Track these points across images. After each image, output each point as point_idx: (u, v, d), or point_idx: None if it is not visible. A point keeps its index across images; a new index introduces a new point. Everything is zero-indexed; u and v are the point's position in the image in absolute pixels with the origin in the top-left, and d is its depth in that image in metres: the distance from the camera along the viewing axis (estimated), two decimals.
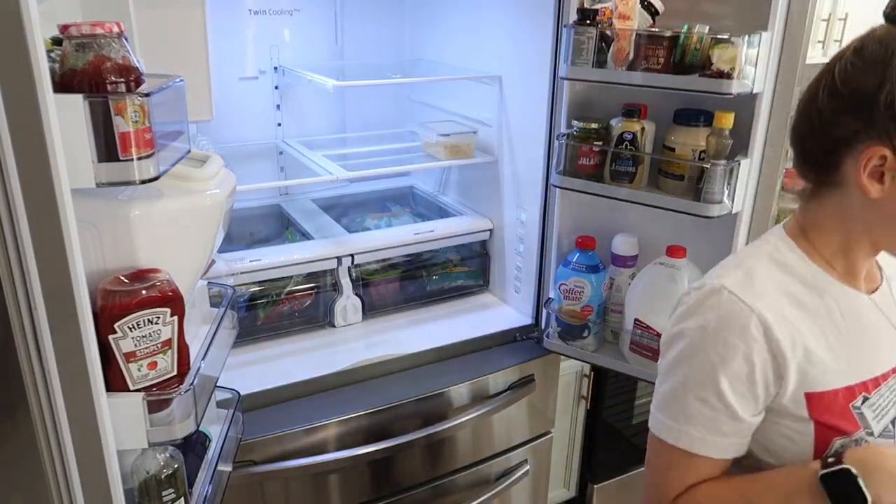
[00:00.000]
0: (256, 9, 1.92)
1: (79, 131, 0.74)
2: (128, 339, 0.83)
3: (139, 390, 0.86)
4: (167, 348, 0.88)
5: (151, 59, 1.03)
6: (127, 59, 0.79)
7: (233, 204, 1.08)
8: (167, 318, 0.86)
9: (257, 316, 1.65)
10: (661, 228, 1.61)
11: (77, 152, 0.74)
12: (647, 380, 1.59)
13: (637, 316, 1.56)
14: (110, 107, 0.75)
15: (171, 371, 0.89)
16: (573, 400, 2.04)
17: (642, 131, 1.50)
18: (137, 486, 0.94)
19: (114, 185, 0.78)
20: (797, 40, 1.34)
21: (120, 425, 0.83)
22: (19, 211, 0.68)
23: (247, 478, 1.38)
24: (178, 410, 0.89)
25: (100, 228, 0.86)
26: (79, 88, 0.75)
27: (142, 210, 0.89)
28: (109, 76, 0.77)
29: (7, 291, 0.70)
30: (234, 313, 1.21)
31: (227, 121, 1.91)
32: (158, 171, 0.81)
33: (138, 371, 0.85)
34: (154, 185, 0.84)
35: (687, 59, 1.37)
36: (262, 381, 1.49)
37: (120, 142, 0.76)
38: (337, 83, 1.70)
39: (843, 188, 0.81)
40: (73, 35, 0.76)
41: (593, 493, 2.20)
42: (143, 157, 0.78)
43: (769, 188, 1.45)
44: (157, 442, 0.89)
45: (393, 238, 1.82)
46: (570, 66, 1.47)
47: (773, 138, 1.42)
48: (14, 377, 0.73)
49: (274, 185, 2.04)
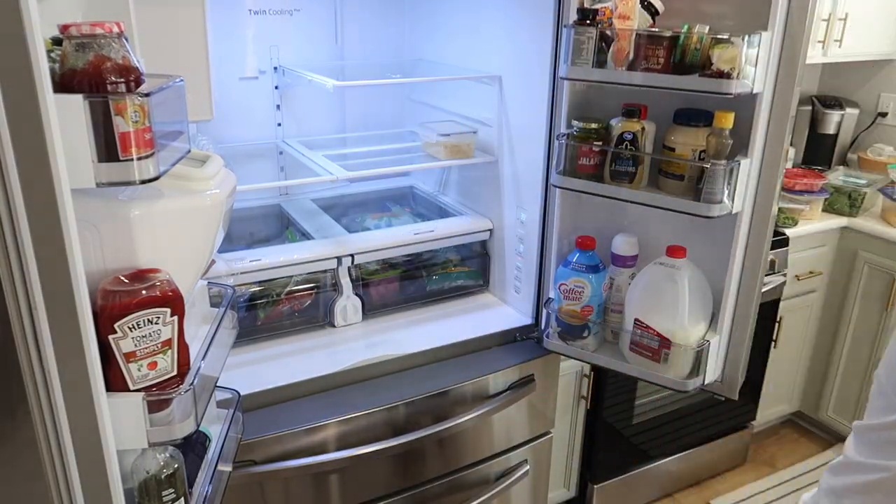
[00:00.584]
0: (256, 9, 1.92)
1: (79, 131, 0.74)
2: (128, 339, 0.83)
3: (139, 390, 0.86)
4: (167, 348, 0.88)
5: (151, 59, 1.03)
6: (127, 59, 0.79)
7: (233, 204, 1.08)
8: (167, 318, 0.86)
9: (257, 316, 1.65)
10: (661, 228, 1.61)
11: (77, 152, 0.74)
12: (647, 380, 1.59)
13: (637, 316, 1.56)
14: (110, 107, 0.75)
15: (171, 371, 0.89)
16: (573, 400, 2.04)
17: (642, 131, 1.50)
18: (137, 486, 0.94)
19: (114, 185, 0.78)
20: (797, 40, 1.34)
21: (120, 425, 0.83)
22: (19, 211, 0.68)
23: (247, 478, 1.38)
24: (178, 410, 0.89)
25: (100, 228, 0.86)
26: (79, 88, 0.75)
27: (142, 210, 0.89)
28: (109, 76, 0.77)
29: (7, 291, 0.70)
30: (234, 313, 1.21)
31: (227, 121, 1.91)
32: (158, 171, 0.81)
33: (138, 371, 0.85)
34: (154, 185, 0.84)
35: (687, 59, 1.37)
36: (262, 381, 1.49)
37: (120, 142, 0.76)
38: (337, 83, 1.70)
39: None
40: (73, 35, 0.76)
41: (593, 493, 2.20)
42: (143, 157, 0.78)
43: (769, 188, 1.45)
44: (157, 442, 0.89)
45: (393, 238, 1.82)
46: (569, 66, 1.47)
47: (773, 138, 1.42)
48: (14, 377, 0.73)
49: (274, 185, 2.04)
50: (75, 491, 0.79)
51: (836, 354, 2.59)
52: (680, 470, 2.42)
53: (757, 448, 2.68)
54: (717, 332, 1.55)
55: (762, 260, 1.50)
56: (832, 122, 2.77)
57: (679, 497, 2.44)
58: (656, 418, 2.27)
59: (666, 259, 1.53)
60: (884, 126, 2.81)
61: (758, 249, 1.49)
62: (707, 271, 1.55)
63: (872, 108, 2.82)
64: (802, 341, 2.61)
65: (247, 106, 1.98)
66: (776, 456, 2.67)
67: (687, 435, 2.38)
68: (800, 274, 2.44)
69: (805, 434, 2.80)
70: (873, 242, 2.41)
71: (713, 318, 1.57)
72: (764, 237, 1.48)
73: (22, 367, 0.73)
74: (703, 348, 1.52)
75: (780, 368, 2.55)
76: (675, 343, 1.51)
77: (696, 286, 1.53)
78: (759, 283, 1.52)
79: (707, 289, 1.56)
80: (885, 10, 2.50)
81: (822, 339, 2.63)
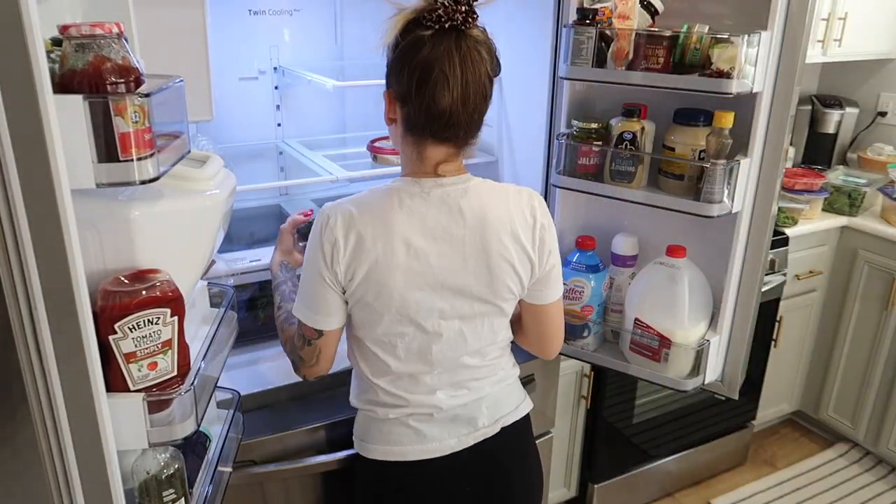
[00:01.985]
0: (256, 9, 1.91)
1: (79, 132, 0.74)
2: (128, 340, 0.83)
3: (139, 391, 0.86)
4: (167, 349, 0.87)
5: (151, 59, 1.03)
6: (127, 59, 0.79)
7: (233, 204, 1.08)
8: (167, 319, 0.86)
9: (257, 316, 1.65)
10: (661, 228, 1.61)
11: (77, 153, 0.74)
12: (647, 380, 1.59)
13: (637, 316, 1.56)
14: (110, 107, 0.75)
15: (171, 371, 0.89)
16: (573, 400, 2.04)
17: (642, 131, 1.50)
18: (138, 486, 0.94)
19: (114, 185, 0.78)
20: (797, 40, 1.34)
21: (120, 426, 0.83)
22: (19, 211, 0.68)
23: (247, 478, 1.38)
24: (178, 411, 0.89)
25: (100, 229, 0.86)
26: (79, 89, 0.75)
27: (142, 210, 0.88)
28: (109, 77, 0.76)
29: (7, 291, 0.70)
30: (234, 313, 1.21)
31: (227, 121, 1.91)
32: (158, 171, 0.81)
33: (138, 371, 0.85)
34: (154, 185, 0.84)
35: (687, 58, 1.37)
36: (262, 381, 1.49)
37: (120, 142, 0.76)
38: (337, 83, 1.70)
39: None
40: (72, 35, 0.76)
41: (593, 493, 2.20)
42: (143, 158, 0.78)
43: (769, 188, 1.45)
44: (157, 442, 0.89)
45: None
46: (569, 66, 1.48)
47: (772, 138, 1.42)
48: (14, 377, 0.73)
49: (274, 185, 2.04)
50: (75, 491, 0.79)
51: (836, 354, 2.59)
52: (680, 470, 2.42)
53: (757, 448, 2.68)
54: (717, 331, 1.55)
55: (762, 259, 1.50)
56: (832, 122, 2.77)
57: (679, 497, 2.44)
58: (656, 418, 2.27)
59: (666, 259, 1.53)
60: (883, 125, 2.81)
61: (758, 249, 1.49)
62: (707, 271, 1.55)
63: (872, 107, 2.82)
64: (802, 341, 2.61)
65: (247, 106, 1.98)
66: (776, 455, 2.67)
67: (687, 435, 2.38)
68: (800, 273, 2.44)
69: (805, 433, 2.80)
70: (873, 242, 2.41)
71: (713, 318, 1.57)
72: (764, 237, 1.48)
73: (22, 367, 0.73)
74: (703, 348, 1.52)
75: (780, 368, 2.55)
76: (675, 343, 1.51)
77: (696, 286, 1.53)
78: (759, 283, 1.52)
79: (707, 288, 1.56)
80: (885, 10, 2.50)
81: (822, 338, 2.63)
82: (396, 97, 1.10)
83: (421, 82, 1.03)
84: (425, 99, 1.04)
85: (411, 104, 1.06)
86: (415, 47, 1.04)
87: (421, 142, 1.10)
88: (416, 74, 1.03)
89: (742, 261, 1.52)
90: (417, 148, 1.11)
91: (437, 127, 1.07)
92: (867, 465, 2.58)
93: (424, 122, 1.07)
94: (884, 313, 2.41)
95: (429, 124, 1.07)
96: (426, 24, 1.03)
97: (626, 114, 1.50)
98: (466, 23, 1.04)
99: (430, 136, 1.08)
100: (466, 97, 1.04)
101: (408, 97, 1.06)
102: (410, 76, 1.04)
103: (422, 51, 1.03)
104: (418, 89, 1.04)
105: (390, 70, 1.11)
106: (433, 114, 1.05)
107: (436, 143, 1.09)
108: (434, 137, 1.09)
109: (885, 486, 2.48)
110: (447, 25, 1.02)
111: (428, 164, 1.11)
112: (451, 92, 1.03)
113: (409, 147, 1.12)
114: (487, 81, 1.07)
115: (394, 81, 1.10)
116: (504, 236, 1.11)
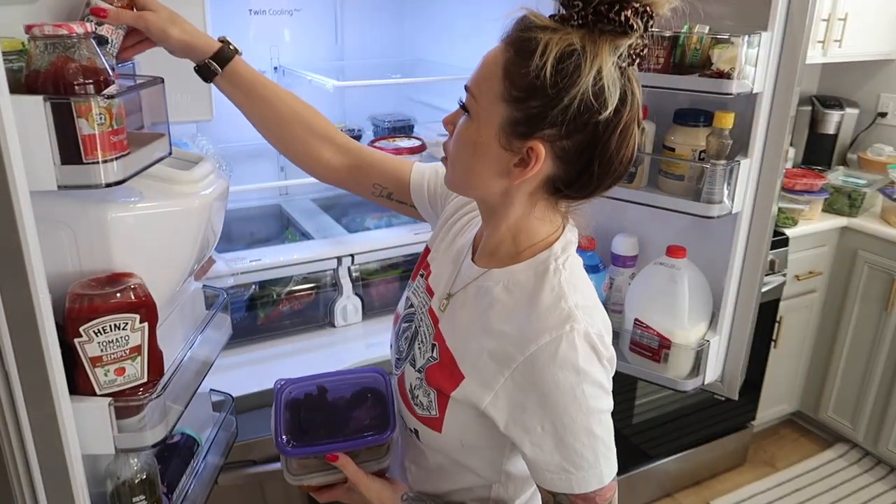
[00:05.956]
0: (256, 9, 1.91)
1: (39, 133, 0.72)
2: (93, 344, 0.80)
3: (107, 395, 0.83)
4: (136, 354, 0.85)
5: (151, 59, 1.02)
6: (93, 60, 0.76)
7: (224, 207, 1.05)
8: (136, 325, 0.83)
9: (257, 316, 1.65)
10: (661, 228, 1.61)
11: (37, 154, 0.72)
12: (647, 380, 1.59)
13: (637, 316, 1.56)
14: (73, 109, 0.73)
15: (140, 378, 0.86)
16: None
17: (642, 131, 1.49)
18: (109, 491, 0.92)
19: (77, 188, 0.76)
20: (797, 40, 1.34)
21: (86, 430, 0.81)
22: None
23: (247, 478, 1.38)
24: (149, 417, 0.86)
25: (75, 229, 0.83)
26: (42, 90, 0.73)
27: (119, 212, 0.85)
28: (73, 77, 0.74)
29: None
30: (226, 316, 1.18)
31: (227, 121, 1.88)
32: (126, 173, 0.78)
33: (105, 376, 0.83)
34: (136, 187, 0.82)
35: (687, 59, 1.37)
36: (262, 381, 1.48)
37: (83, 144, 0.74)
38: (337, 83, 1.70)
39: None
40: (36, 35, 0.74)
41: None
42: (109, 160, 0.76)
43: (769, 188, 1.45)
44: (125, 448, 0.86)
45: (393, 238, 1.81)
46: None
47: (772, 138, 1.42)
48: None
49: (274, 185, 2.04)
50: (39, 494, 0.78)
51: (836, 354, 2.59)
52: (680, 470, 2.42)
53: (757, 448, 2.68)
54: (717, 331, 1.55)
55: (762, 260, 1.50)
56: (832, 122, 2.77)
57: (679, 497, 2.44)
58: (656, 418, 2.27)
59: (666, 259, 1.53)
60: (884, 126, 2.81)
61: (758, 249, 1.49)
62: (707, 271, 1.55)
63: (872, 108, 2.82)
64: (802, 341, 2.61)
65: None
66: (776, 456, 2.67)
67: (687, 435, 2.38)
68: (800, 274, 2.44)
69: (805, 434, 2.80)
70: (873, 242, 2.41)
71: (713, 318, 1.57)
72: (764, 237, 1.48)
73: None
74: (702, 348, 1.52)
75: (779, 368, 2.55)
76: (675, 343, 1.51)
77: (696, 286, 1.53)
78: (758, 283, 1.52)
79: (707, 289, 1.56)
80: (885, 10, 2.50)
81: (822, 339, 2.63)
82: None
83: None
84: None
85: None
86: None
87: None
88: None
89: (742, 261, 1.52)
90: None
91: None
92: (867, 465, 2.58)
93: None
94: (884, 314, 2.41)
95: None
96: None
97: None
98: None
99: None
100: None
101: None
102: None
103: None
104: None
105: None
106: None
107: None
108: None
109: (885, 486, 2.48)
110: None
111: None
112: None
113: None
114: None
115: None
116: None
